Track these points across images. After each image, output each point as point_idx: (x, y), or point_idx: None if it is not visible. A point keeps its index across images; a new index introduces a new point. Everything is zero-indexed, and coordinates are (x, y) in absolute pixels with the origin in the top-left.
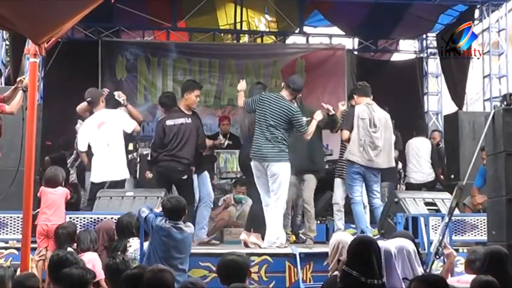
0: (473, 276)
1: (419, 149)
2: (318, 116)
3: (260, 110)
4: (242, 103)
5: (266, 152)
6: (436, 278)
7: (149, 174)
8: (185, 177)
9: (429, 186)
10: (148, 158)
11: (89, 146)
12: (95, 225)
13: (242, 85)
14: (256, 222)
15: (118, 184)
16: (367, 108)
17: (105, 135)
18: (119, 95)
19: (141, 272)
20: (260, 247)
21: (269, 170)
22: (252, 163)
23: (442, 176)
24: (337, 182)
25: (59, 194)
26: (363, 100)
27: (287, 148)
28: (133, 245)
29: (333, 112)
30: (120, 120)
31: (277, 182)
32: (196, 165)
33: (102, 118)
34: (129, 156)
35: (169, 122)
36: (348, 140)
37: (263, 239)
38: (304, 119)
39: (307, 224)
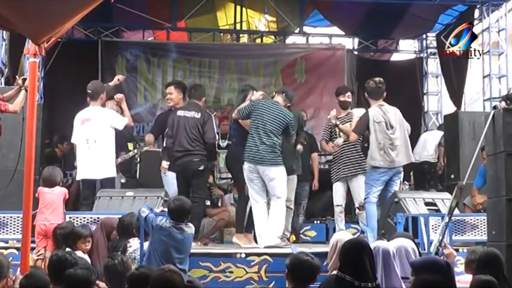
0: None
1: (429, 137)
2: None
3: (256, 116)
4: (235, 114)
5: (264, 157)
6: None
7: (164, 164)
8: (202, 167)
9: (429, 164)
10: (165, 144)
11: None
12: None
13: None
14: (241, 222)
15: (107, 183)
16: (380, 110)
17: (86, 132)
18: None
19: (147, 272)
20: (241, 247)
21: (266, 174)
22: (246, 165)
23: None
24: (338, 185)
25: (57, 194)
26: (375, 102)
27: (282, 153)
28: (133, 245)
29: (336, 123)
30: (106, 118)
31: (278, 185)
32: None
33: (88, 115)
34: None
35: (179, 113)
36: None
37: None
38: None
39: (286, 220)
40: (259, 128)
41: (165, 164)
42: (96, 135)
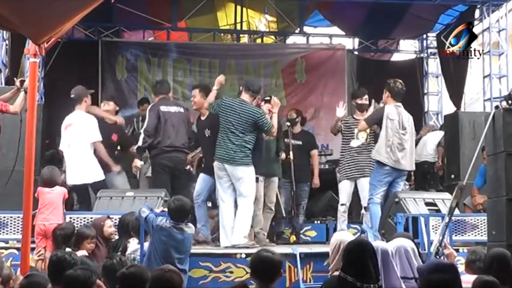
0: (473, 276)
1: (430, 137)
2: (277, 106)
3: (223, 115)
4: (206, 104)
5: (232, 157)
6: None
7: (138, 163)
8: (188, 167)
9: (429, 164)
10: (140, 143)
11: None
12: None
13: (220, 81)
14: None
15: (96, 186)
16: (396, 110)
17: (67, 138)
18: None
19: (138, 271)
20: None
21: (234, 174)
22: (215, 164)
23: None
24: (345, 183)
25: (56, 194)
26: (393, 102)
27: (251, 152)
28: (131, 247)
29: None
30: (85, 124)
31: (244, 185)
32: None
33: (70, 120)
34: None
35: (162, 108)
36: (364, 131)
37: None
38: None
39: (265, 222)
40: (227, 128)
41: (138, 163)
42: (76, 140)
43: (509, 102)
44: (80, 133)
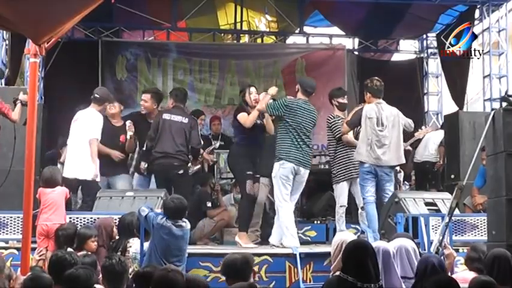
0: (471, 274)
1: (432, 137)
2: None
3: (290, 116)
4: (264, 106)
5: (308, 160)
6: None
7: (144, 165)
8: (181, 171)
9: (431, 164)
10: (144, 147)
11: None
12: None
13: (274, 90)
14: (244, 221)
15: (85, 185)
16: (375, 107)
17: (72, 132)
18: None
19: (152, 271)
20: (241, 246)
21: (304, 176)
22: (287, 165)
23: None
24: (343, 185)
25: (58, 194)
26: (374, 101)
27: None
28: (135, 245)
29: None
30: (89, 120)
31: (302, 187)
32: None
33: (78, 115)
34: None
35: (165, 116)
36: (346, 134)
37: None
38: None
39: (259, 222)
40: (297, 129)
41: (143, 165)
42: (77, 135)
43: (505, 104)
44: (82, 129)
